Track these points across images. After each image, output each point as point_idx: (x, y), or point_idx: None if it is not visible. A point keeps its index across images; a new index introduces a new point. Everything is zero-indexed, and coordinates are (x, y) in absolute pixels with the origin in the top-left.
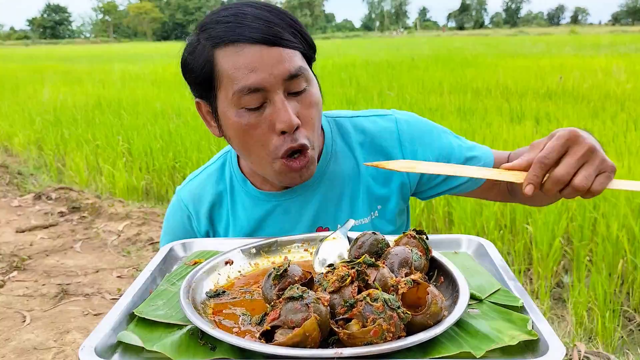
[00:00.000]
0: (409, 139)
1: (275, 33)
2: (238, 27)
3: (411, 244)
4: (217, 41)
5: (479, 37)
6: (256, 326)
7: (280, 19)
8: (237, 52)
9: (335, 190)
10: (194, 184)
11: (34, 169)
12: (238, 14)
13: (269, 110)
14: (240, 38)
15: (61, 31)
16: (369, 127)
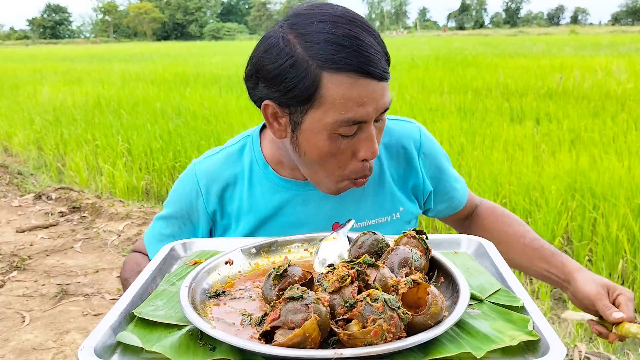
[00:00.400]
0: (427, 151)
1: (382, 66)
2: (355, 57)
3: (411, 244)
4: (329, 65)
5: (479, 37)
6: (256, 326)
7: (382, 48)
8: (350, 83)
9: (357, 191)
10: (211, 161)
11: (33, 169)
12: (352, 39)
13: (357, 138)
14: (355, 69)
15: (61, 31)
16: (394, 128)
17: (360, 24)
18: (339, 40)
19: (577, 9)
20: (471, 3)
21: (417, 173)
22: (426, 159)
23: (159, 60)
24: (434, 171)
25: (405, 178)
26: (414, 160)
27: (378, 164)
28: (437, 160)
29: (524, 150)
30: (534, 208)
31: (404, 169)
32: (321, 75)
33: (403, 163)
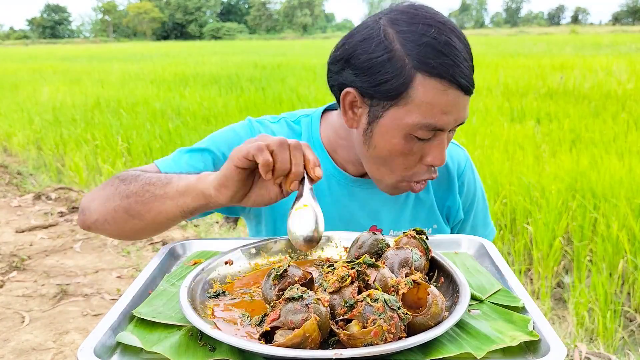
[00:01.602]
0: (467, 183)
1: (473, 82)
2: (452, 67)
3: (411, 244)
4: (426, 68)
5: (480, 37)
6: (256, 327)
7: (472, 62)
8: (441, 90)
9: (400, 196)
10: (270, 125)
11: (33, 169)
12: (452, 48)
13: (430, 143)
14: (449, 79)
15: (61, 31)
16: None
17: (458, 35)
18: (439, 47)
19: (578, 9)
20: (471, 3)
21: (455, 197)
22: (464, 188)
23: (158, 60)
24: (468, 204)
25: (443, 198)
26: (453, 184)
27: None
28: (473, 195)
29: (525, 150)
30: (534, 208)
31: (443, 190)
32: (415, 76)
33: (444, 184)
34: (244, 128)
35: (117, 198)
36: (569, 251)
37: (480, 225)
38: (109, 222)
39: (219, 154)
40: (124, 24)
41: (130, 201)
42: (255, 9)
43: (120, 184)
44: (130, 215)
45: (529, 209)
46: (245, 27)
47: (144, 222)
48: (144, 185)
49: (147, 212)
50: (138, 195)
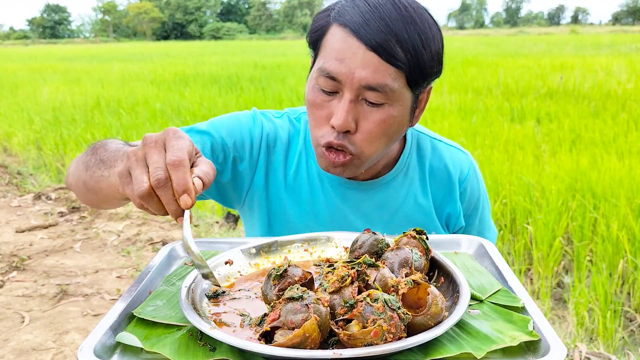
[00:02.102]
0: (470, 189)
1: (383, 41)
2: (360, 17)
3: (411, 244)
4: (338, 17)
5: (480, 37)
6: (256, 327)
7: (406, 31)
8: (341, 37)
9: (397, 200)
10: (276, 120)
11: (33, 169)
12: (372, 6)
13: (335, 102)
14: (352, 27)
15: (61, 31)
16: (444, 152)
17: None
18: (360, 2)
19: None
20: (471, 3)
21: (455, 204)
22: (466, 194)
23: (158, 60)
24: (470, 211)
25: (442, 204)
26: (454, 190)
27: (422, 183)
28: (476, 201)
29: (525, 150)
30: (534, 208)
31: (443, 195)
32: (330, 26)
33: (444, 189)
34: (247, 117)
35: (82, 168)
36: (569, 251)
37: (486, 230)
38: (76, 189)
39: (217, 138)
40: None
41: (87, 176)
42: (255, 9)
43: (88, 153)
44: (87, 189)
45: (529, 209)
46: (245, 27)
47: (99, 198)
48: (97, 162)
49: (99, 191)
50: (92, 171)
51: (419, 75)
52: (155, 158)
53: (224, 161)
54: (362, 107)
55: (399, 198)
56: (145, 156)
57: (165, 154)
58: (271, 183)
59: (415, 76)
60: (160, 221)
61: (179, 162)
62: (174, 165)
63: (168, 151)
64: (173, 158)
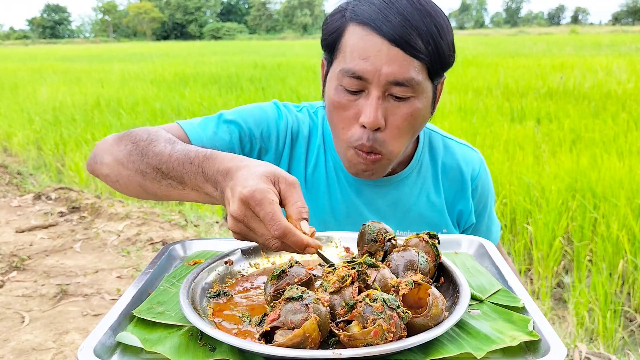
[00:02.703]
0: (481, 187)
1: (405, 35)
2: (378, 14)
3: (420, 247)
4: (354, 17)
5: (480, 37)
6: (256, 327)
7: (424, 23)
8: (362, 36)
9: (410, 197)
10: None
11: (33, 169)
12: (387, 2)
13: (362, 100)
14: (372, 25)
15: (61, 31)
16: (456, 150)
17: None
18: (376, 1)
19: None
20: (471, 3)
21: (467, 202)
22: (477, 192)
23: (158, 60)
24: (481, 207)
25: (454, 202)
26: (466, 187)
27: (434, 180)
28: (486, 198)
29: (525, 150)
30: (534, 208)
31: (455, 193)
32: (346, 26)
33: (456, 186)
34: (272, 109)
35: (132, 168)
36: (569, 251)
37: (492, 224)
38: (120, 184)
39: (245, 129)
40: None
41: (147, 180)
42: (255, 9)
43: (134, 151)
44: (145, 191)
45: (529, 209)
46: (245, 27)
47: (158, 198)
48: (158, 170)
49: (166, 197)
50: (154, 178)
51: (439, 65)
52: (261, 232)
53: (251, 151)
54: (390, 102)
55: (412, 196)
56: (249, 226)
57: (263, 225)
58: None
59: (435, 66)
60: (160, 221)
61: (282, 234)
62: (281, 237)
63: (266, 224)
64: (276, 233)
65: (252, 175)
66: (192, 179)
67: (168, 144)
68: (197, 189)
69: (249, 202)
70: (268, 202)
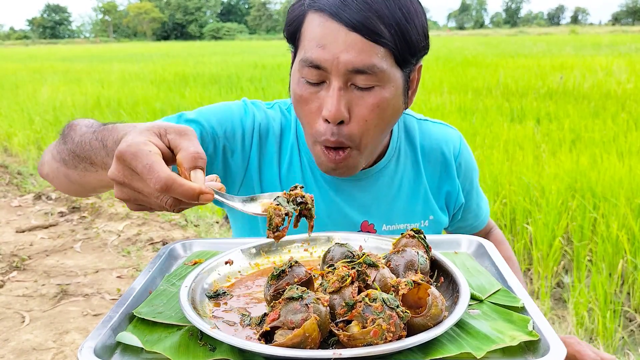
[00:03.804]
0: (464, 163)
1: (365, 19)
2: (336, 1)
3: (411, 244)
4: (312, 4)
5: (479, 37)
6: (256, 327)
7: (387, 7)
8: (320, 23)
9: (392, 188)
10: (267, 110)
11: (33, 169)
12: None
13: (323, 92)
14: (329, 10)
15: (61, 31)
16: (433, 130)
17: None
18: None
19: (577, 9)
20: (471, 3)
21: (453, 181)
22: (462, 169)
23: (158, 60)
24: (468, 185)
25: (440, 184)
26: (451, 167)
27: (415, 166)
28: (471, 174)
29: (524, 150)
30: (534, 208)
31: (439, 175)
32: (306, 14)
33: (439, 168)
34: (238, 107)
35: (58, 158)
36: (569, 251)
37: (481, 199)
38: (55, 181)
39: (207, 127)
40: (124, 24)
41: (68, 168)
42: (255, 9)
43: (59, 142)
44: (70, 181)
45: (529, 209)
46: (245, 27)
47: (85, 189)
48: (73, 154)
49: (87, 184)
50: (72, 164)
51: (407, 51)
52: (147, 190)
53: (214, 151)
54: (353, 93)
55: (394, 186)
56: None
57: (143, 180)
58: (265, 176)
59: (403, 53)
60: (160, 221)
61: (164, 186)
62: (164, 190)
63: (145, 178)
64: (157, 187)
65: (133, 133)
66: (98, 155)
67: (87, 127)
68: (105, 167)
69: (124, 158)
70: (144, 153)
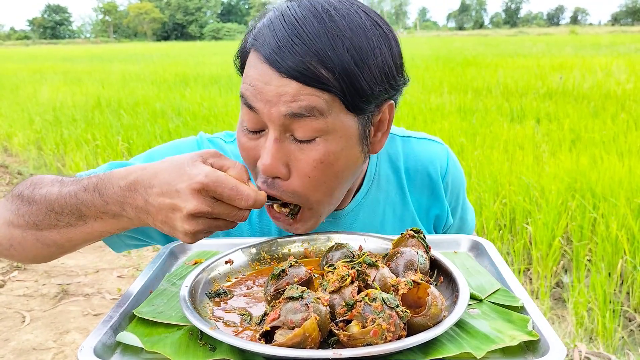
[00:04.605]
0: (452, 181)
1: (300, 64)
2: (273, 40)
3: (411, 244)
4: (254, 42)
5: (479, 37)
6: (256, 326)
7: (332, 49)
8: (255, 65)
9: (375, 219)
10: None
11: (33, 169)
12: (290, 23)
13: (261, 141)
14: (264, 53)
15: (61, 31)
16: (420, 151)
17: (325, 19)
18: (274, 20)
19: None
20: (471, 3)
21: (442, 204)
22: (449, 188)
23: (159, 60)
24: (454, 202)
25: (428, 208)
26: (438, 189)
27: (400, 192)
28: (459, 191)
29: (524, 150)
30: (534, 208)
31: (427, 198)
32: (250, 51)
33: (426, 192)
34: (190, 146)
35: (23, 224)
36: (568, 251)
37: (467, 212)
38: (16, 248)
39: None
40: (125, 25)
41: (43, 230)
42: (255, 10)
43: (21, 205)
44: (44, 244)
45: (529, 209)
46: (245, 28)
47: (63, 249)
48: (50, 212)
49: (68, 242)
50: (48, 223)
51: (358, 97)
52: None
53: None
54: (292, 146)
55: (377, 217)
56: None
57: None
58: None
59: (353, 99)
60: None
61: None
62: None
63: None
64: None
65: (179, 166)
66: (91, 207)
67: (54, 183)
68: (100, 217)
69: (207, 188)
70: (225, 178)
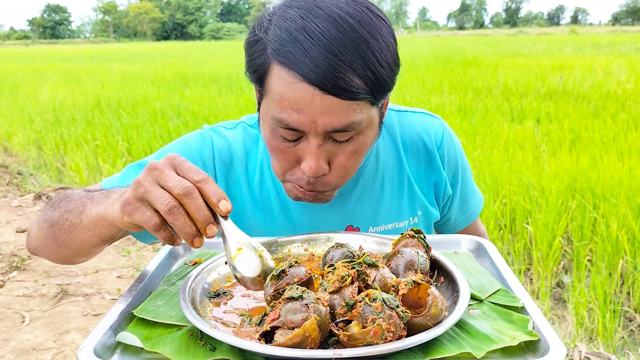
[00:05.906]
0: (447, 153)
1: (339, 80)
2: (304, 56)
3: (410, 244)
4: (277, 56)
5: (479, 37)
6: (256, 327)
7: (359, 54)
8: (290, 83)
9: (374, 188)
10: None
11: (33, 169)
12: (314, 37)
13: (302, 145)
14: (298, 71)
15: (61, 31)
16: (416, 122)
17: (345, 27)
18: (293, 33)
19: (577, 9)
20: (471, 3)
21: (440, 173)
22: (445, 159)
23: (158, 60)
24: (452, 174)
25: (426, 176)
26: (434, 158)
27: (397, 161)
28: (455, 165)
29: (525, 150)
30: (534, 208)
31: (424, 167)
32: (271, 64)
33: (423, 160)
34: (195, 139)
35: (45, 225)
36: (569, 251)
37: (470, 195)
38: (43, 250)
39: None
40: (124, 24)
41: (55, 230)
42: (255, 9)
43: (48, 210)
44: (57, 244)
45: (529, 209)
46: (245, 28)
47: (72, 251)
48: (63, 213)
49: (71, 242)
50: (60, 224)
51: (382, 92)
52: (172, 176)
53: None
54: (332, 145)
55: (376, 186)
56: (158, 179)
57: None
58: (237, 201)
59: (378, 95)
60: None
61: (205, 176)
62: (201, 180)
63: (186, 171)
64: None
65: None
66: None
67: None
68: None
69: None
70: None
